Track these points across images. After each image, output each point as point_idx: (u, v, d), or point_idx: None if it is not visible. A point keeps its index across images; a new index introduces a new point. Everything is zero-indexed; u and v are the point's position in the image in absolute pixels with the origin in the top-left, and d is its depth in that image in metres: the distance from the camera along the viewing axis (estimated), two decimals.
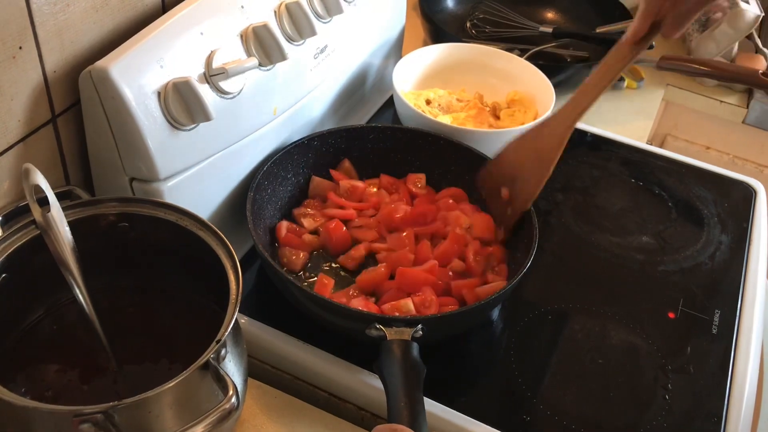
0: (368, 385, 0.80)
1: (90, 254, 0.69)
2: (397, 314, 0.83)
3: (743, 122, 1.49)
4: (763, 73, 1.18)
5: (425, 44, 1.39)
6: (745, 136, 1.52)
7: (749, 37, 1.47)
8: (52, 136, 0.77)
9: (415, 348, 0.75)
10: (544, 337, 0.90)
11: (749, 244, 1.06)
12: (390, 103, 1.20)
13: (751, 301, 0.97)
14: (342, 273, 0.92)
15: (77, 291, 0.68)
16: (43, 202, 0.67)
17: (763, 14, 1.41)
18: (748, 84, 1.34)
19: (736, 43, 1.45)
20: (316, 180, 1.00)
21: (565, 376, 0.85)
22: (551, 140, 0.89)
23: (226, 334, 0.62)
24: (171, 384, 0.59)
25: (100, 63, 0.72)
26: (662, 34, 0.82)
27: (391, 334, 0.76)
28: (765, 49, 1.51)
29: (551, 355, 0.87)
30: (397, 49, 1.24)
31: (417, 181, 1.03)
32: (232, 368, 0.67)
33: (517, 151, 0.94)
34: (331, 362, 0.82)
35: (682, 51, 1.53)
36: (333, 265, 0.93)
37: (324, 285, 0.88)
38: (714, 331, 0.93)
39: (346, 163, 1.02)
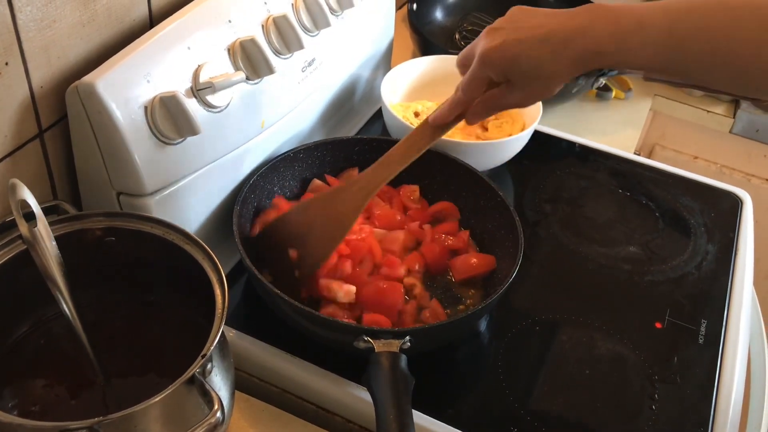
0: (356, 398, 0.81)
1: (77, 268, 0.69)
2: (384, 326, 0.83)
3: (730, 132, 1.50)
4: None
5: (414, 56, 1.39)
6: (733, 146, 1.53)
7: None
8: (39, 151, 0.77)
9: (403, 360, 0.75)
10: (531, 348, 0.90)
11: (735, 253, 1.07)
12: (379, 115, 1.21)
13: (737, 311, 0.98)
14: None
15: (64, 305, 0.68)
16: (30, 216, 0.67)
17: None
18: (736, 95, 1.35)
19: None
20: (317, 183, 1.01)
21: (552, 387, 0.86)
22: (348, 206, 0.88)
23: (212, 348, 0.63)
24: (157, 399, 0.59)
25: (86, 78, 0.72)
26: (466, 119, 0.86)
27: (379, 346, 0.76)
28: None
29: (539, 366, 0.88)
30: (386, 62, 1.25)
31: (411, 194, 1.03)
32: (219, 382, 0.67)
33: (307, 213, 0.91)
34: (319, 375, 0.83)
35: None
36: None
37: None
38: (701, 341, 0.93)
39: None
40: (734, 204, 1.16)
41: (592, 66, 0.75)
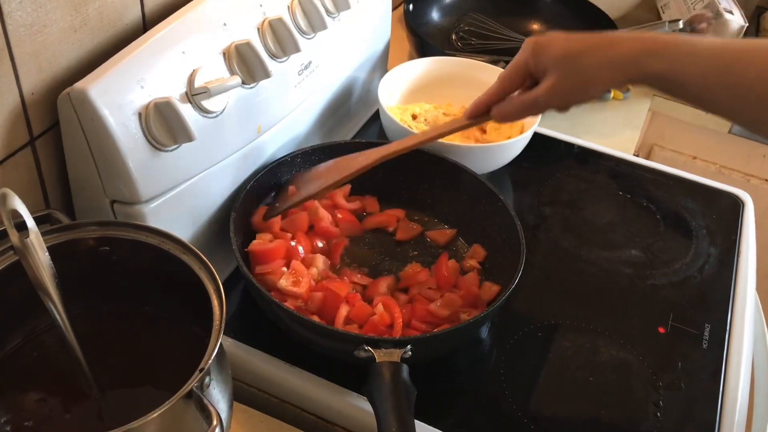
0: (357, 408, 0.79)
1: (70, 279, 0.67)
2: (386, 336, 0.82)
3: (729, 132, 1.49)
4: None
5: (411, 57, 1.38)
6: (732, 146, 1.52)
7: None
8: (31, 159, 0.76)
9: (405, 370, 0.74)
10: (533, 355, 0.89)
11: (738, 256, 1.06)
12: (376, 117, 1.20)
13: (740, 314, 0.97)
14: None
15: (57, 316, 0.67)
16: (22, 226, 0.66)
17: (747, 24, 1.41)
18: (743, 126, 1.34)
19: None
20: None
21: (555, 394, 0.84)
22: (361, 160, 0.91)
23: (210, 361, 0.61)
24: (154, 415, 0.57)
25: (78, 84, 0.71)
26: (492, 115, 0.84)
27: (380, 355, 0.75)
28: None
29: (541, 373, 0.87)
30: (383, 63, 1.24)
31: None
32: (217, 395, 0.65)
33: (323, 167, 0.95)
34: (319, 384, 0.81)
35: None
36: None
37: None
38: (704, 346, 0.92)
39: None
40: (735, 205, 1.15)
41: (635, 72, 0.72)
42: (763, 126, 0.71)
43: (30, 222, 0.66)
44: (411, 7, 1.42)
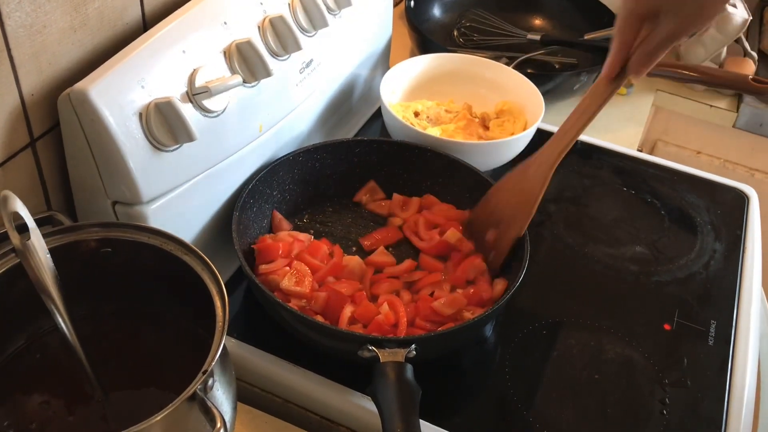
0: (362, 408, 0.79)
1: (72, 281, 0.67)
2: (390, 335, 0.81)
3: (733, 126, 1.49)
4: (753, 79, 1.17)
5: (412, 54, 1.38)
6: (736, 140, 1.51)
7: (737, 40, 1.46)
8: (32, 161, 0.75)
9: (409, 370, 0.73)
10: (538, 353, 0.88)
11: (743, 251, 1.05)
12: (378, 114, 1.19)
13: (746, 311, 0.96)
14: None
15: (59, 318, 0.66)
16: (24, 228, 0.65)
17: (751, 18, 1.41)
18: (739, 90, 1.33)
19: (725, 47, 1.45)
20: None
21: (561, 393, 0.84)
22: (535, 180, 0.90)
23: (213, 363, 0.61)
24: (158, 417, 0.57)
25: (79, 85, 0.70)
26: (628, 71, 0.82)
27: (384, 355, 0.74)
28: (753, 53, 1.50)
29: (546, 371, 0.86)
30: (384, 60, 1.23)
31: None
32: (221, 397, 0.65)
33: (499, 194, 0.93)
34: (323, 384, 0.81)
35: (671, 56, 1.52)
36: None
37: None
38: (710, 343, 0.91)
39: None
40: (740, 200, 1.14)
41: None
42: None
43: (31, 224, 0.65)
44: (412, 3, 1.41)
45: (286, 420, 0.80)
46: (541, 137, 1.14)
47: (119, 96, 0.72)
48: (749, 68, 1.47)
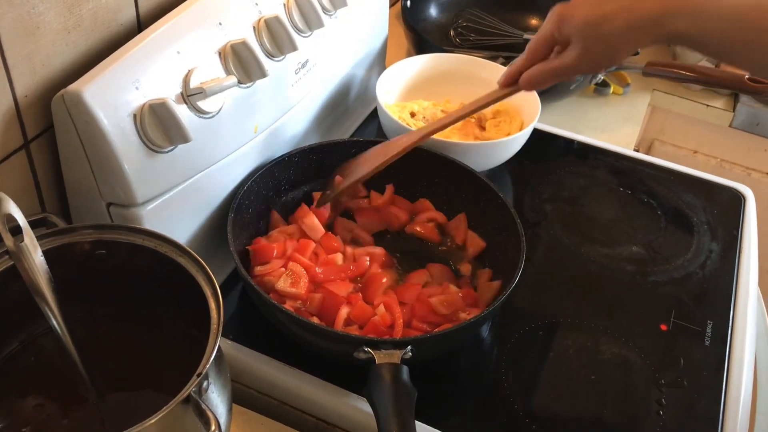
0: (357, 409, 0.79)
1: (66, 283, 0.67)
2: (386, 337, 0.81)
3: (730, 126, 1.49)
4: (749, 78, 1.17)
5: (408, 54, 1.37)
6: (732, 140, 1.51)
7: None
8: (26, 162, 0.75)
9: (405, 372, 0.73)
10: (535, 354, 0.88)
11: (740, 251, 1.05)
12: (374, 115, 1.19)
13: (743, 311, 0.96)
14: None
15: (53, 321, 0.66)
16: (17, 230, 0.65)
17: None
18: (735, 89, 1.33)
19: None
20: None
21: (557, 393, 0.84)
22: (397, 144, 0.94)
23: (208, 366, 0.60)
24: (152, 420, 0.57)
25: (73, 86, 0.70)
26: (519, 81, 0.84)
27: (380, 357, 0.74)
28: None
29: (543, 371, 0.86)
30: (381, 60, 1.23)
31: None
32: (215, 399, 0.65)
33: (367, 153, 0.97)
34: (319, 386, 0.81)
35: (667, 54, 1.53)
36: None
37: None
38: (707, 343, 0.91)
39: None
40: (737, 200, 1.14)
41: (658, 32, 0.72)
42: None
43: (25, 226, 0.65)
44: (408, 3, 1.41)
45: (282, 422, 0.80)
46: (538, 137, 1.15)
47: (114, 97, 0.72)
48: None
